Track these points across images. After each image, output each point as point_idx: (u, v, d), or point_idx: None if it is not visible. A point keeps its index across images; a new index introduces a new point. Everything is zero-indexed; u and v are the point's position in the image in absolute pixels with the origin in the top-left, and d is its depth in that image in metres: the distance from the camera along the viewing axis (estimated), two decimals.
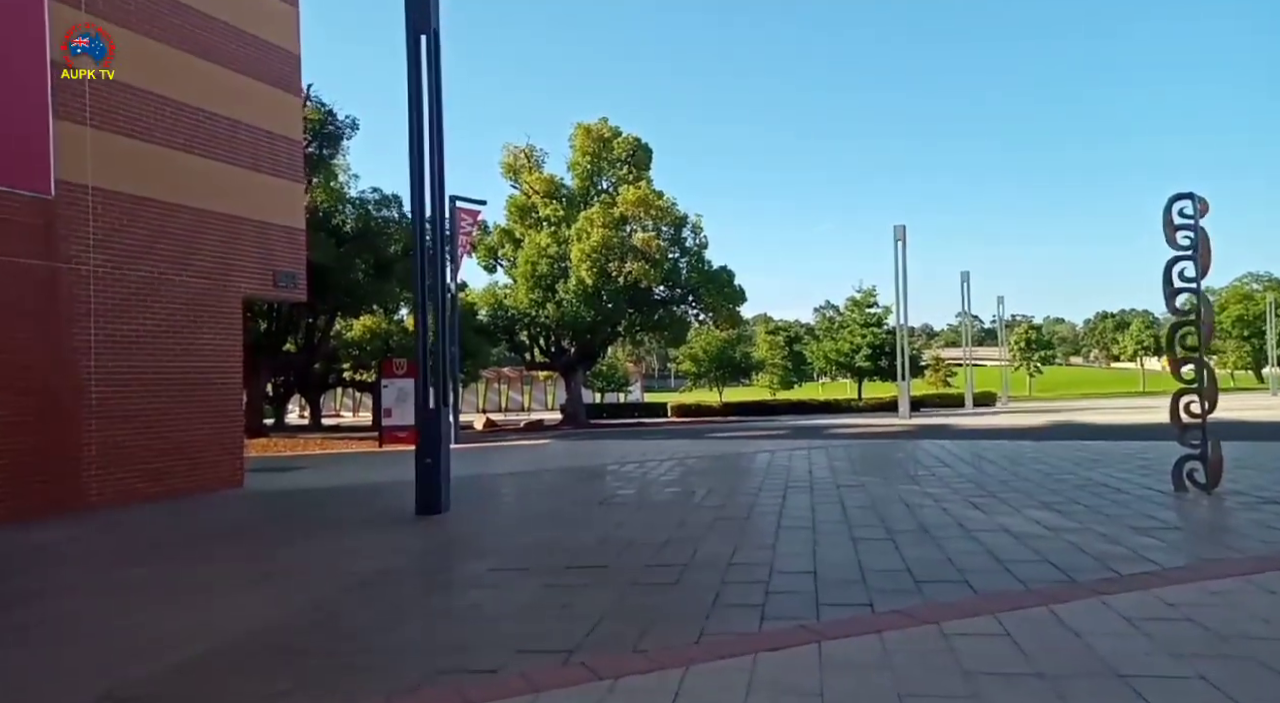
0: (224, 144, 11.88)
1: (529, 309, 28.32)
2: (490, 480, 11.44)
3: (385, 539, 6.95)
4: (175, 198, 11.06)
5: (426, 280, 8.75)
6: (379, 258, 21.34)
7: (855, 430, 20.18)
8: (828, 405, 35.61)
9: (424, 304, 8.73)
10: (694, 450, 14.90)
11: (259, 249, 12.61)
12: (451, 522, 7.82)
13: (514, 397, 68.88)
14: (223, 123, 11.73)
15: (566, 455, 15.62)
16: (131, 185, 10.53)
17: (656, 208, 27.18)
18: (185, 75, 11.14)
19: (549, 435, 24.40)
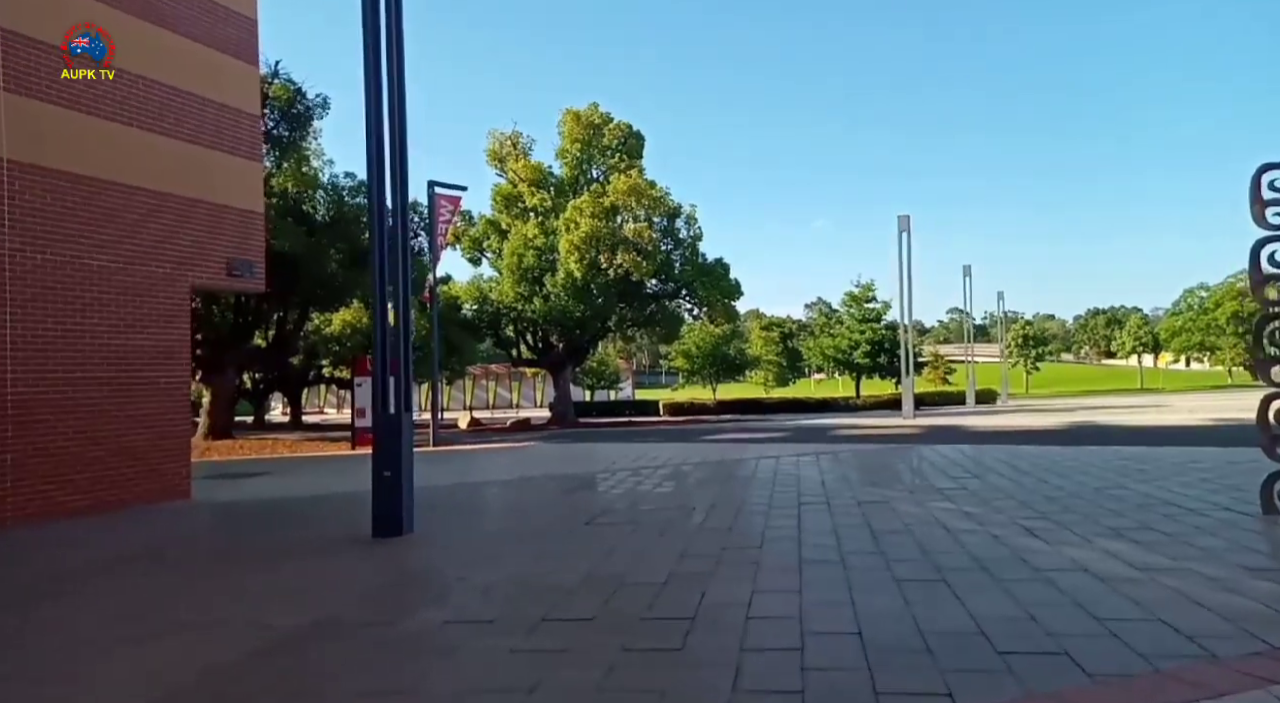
0: (170, 116, 10.65)
1: (515, 303, 27.11)
2: (466, 492, 10.27)
3: (328, 572, 5.79)
4: (112, 175, 9.84)
5: (388, 271, 7.57)
6: (354, 247, 20.06)
7: (861, 432, 19.09)
8: (825, 404, 34.57)
9: (383, 296, 7.54)
10: (691, 455, 13.77)
11: (211, 234, 11.40)
12: (412, 547, 6.66)
13: (502, 394, 67.68)
14: (168, 93, 10.51)
15: (552, 460, 14.47)
16: (58, 159, 9.30)
17: (649, 197, 26.00)
18: (124, 38, 9.89)
19: (535, 436, 23.23)
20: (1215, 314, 77.60)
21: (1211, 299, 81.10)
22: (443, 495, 9.93)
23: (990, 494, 8.01)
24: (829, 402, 34.89)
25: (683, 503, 8.29)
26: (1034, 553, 5.40)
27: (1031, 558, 5.25)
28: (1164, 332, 79.70)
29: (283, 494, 10.76)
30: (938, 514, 7.01)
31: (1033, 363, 61.83)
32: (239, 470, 14.45)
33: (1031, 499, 7.57)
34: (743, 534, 6.50)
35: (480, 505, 8.99)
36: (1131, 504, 7.12)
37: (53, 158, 9.22)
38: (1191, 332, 78.67)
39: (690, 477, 10.73)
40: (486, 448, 18.06)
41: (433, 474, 12.40)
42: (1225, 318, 76.24)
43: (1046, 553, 5.39)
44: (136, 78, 10.13)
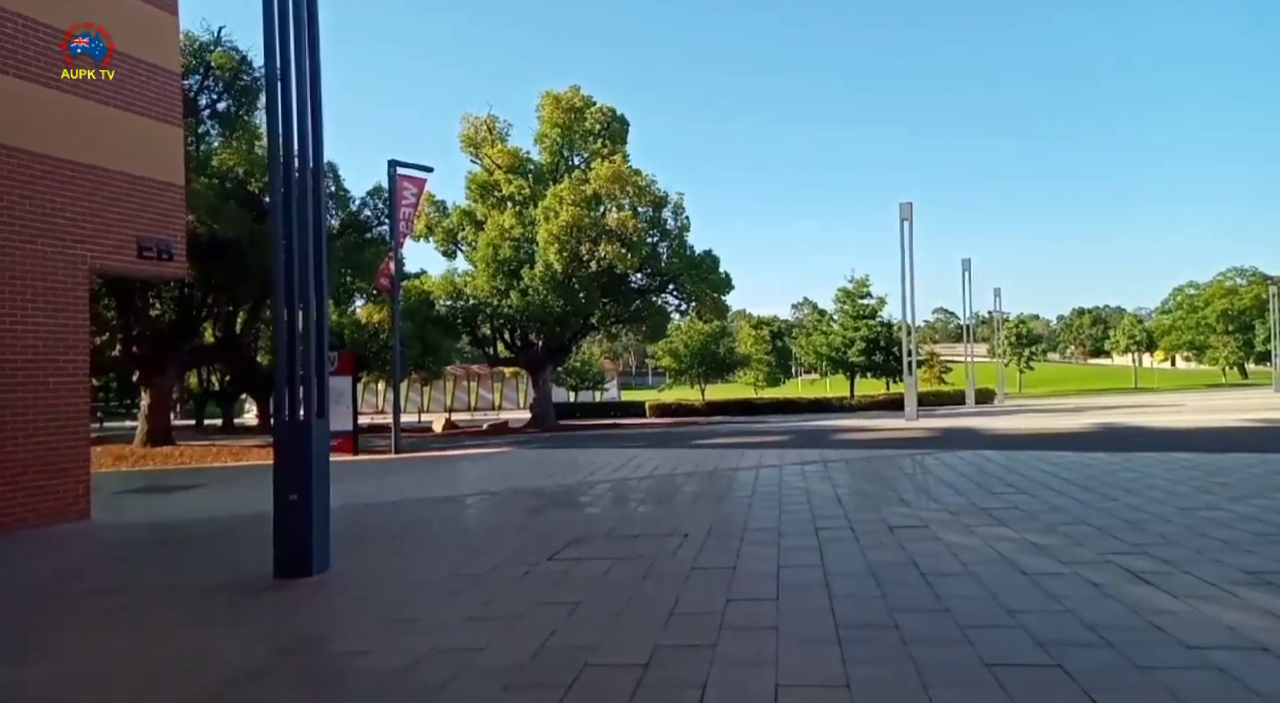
0: (61, 67, 8.98)
1: (490, 298, 25.41)
2: (412, 512, 8.62)
3: (194, 640, 4.16)
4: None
5: (298, 242, 5.94)
6: None
7: (867, 436, 17.54)
8: (818, 405, 33.09)
9: (287, 282, 5.91)
10: (681, 463, 12.18)
11: (117, 209, 9.73)
12: (315, 596, 5.05)
13: (484, 395, 65.91)
14: (56, 37, 8.82)
15: (523, 470, 12.86)
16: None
17: (633, 185, 24.40)
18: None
19: (512, 440, 21.57)
20: (1205, 312, 77.00)
21: (1201, 297, 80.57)
22: (382, 518, 8.30)
23: (1054, 517, 6.47)
24: (822, 402, 33.41)
25: (673, 528, 6.71)
26: (1163, 614, 3.85)
27: (1166, 624, 3.70)
28: (1155, 330, 79.09)
29: (201, 514, 9.08)
30: (999, 547, 5.47)
31: (1025, 362, 60.80)
32: (169, 483, 12.74)
33: (1111, 525, 6.03)
34: (751, 578, 4.93)
35: (424, 532, 7.36)
36: (1246, 532, 5.59)
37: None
38: (1181, 330, 78.09)
39: (681, 491, 9.14)
40: (455, 454, 16.40)
41: (381, 488, 10.77)
42: (1215, 316, 75.64)
43: (1181, 614, 3.84)
44: (15, 16, 8.45)
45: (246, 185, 16.16)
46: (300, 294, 5.94)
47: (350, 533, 7.30)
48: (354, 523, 7.89)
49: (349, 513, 8.59)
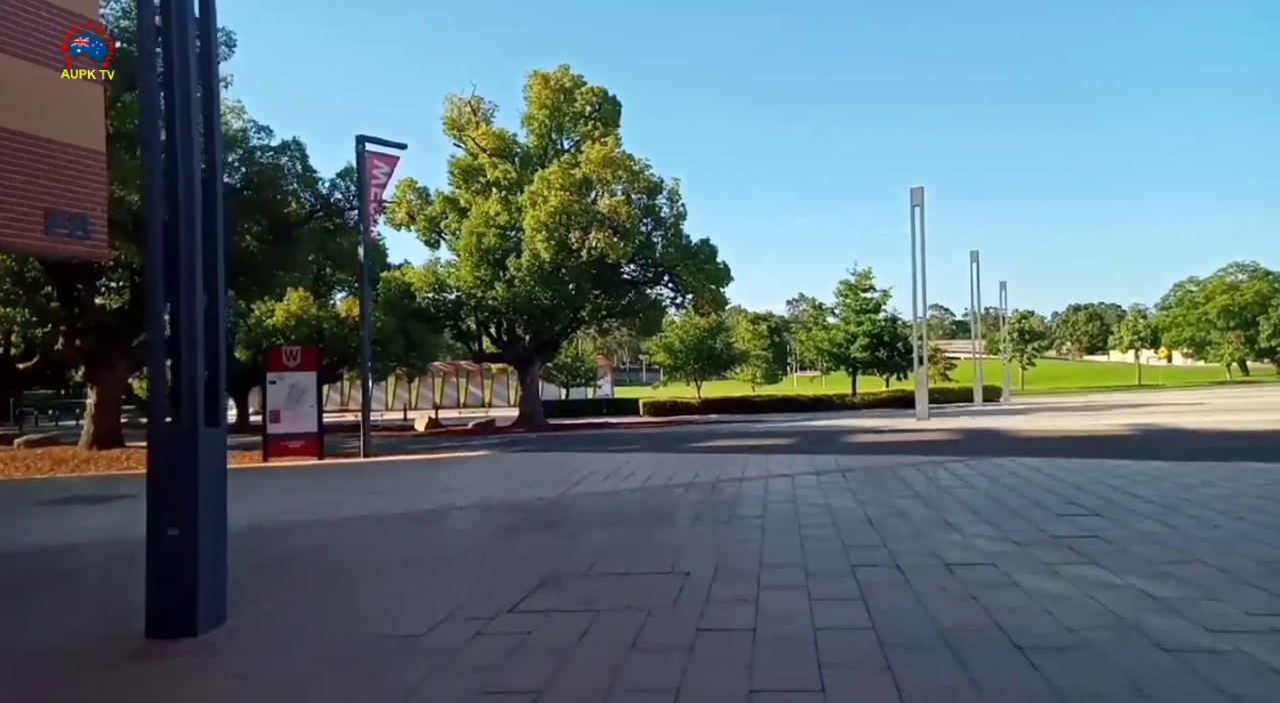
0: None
1: (474, 289, 23.94)
2: (355, 536, 7.22)
3: None
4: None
5: (175, 203, 4.55)
6: (276, 219, 16.88)
7: (880, 439, 16.13)
8: (819, 403, 31.78)
9: (162, 262, 4.52)
10: (678, 471, 10.81)
11: (18, 175, 8.30)
12: (187, 674, 3.67)
13: (474, 392, 64.48)
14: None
15: (502, 478, 11.48)
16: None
17: (626, 169, 22.95)
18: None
19: (496, 441, 20.17)
20: (1206, 308, 75.87)
21: (1202, 293, 79.44)
22: (319, 541, 6.91)
23: (1154, 552, 5.11)
24: (823, 400, 32.08)
25: (670, 563, 5.34)
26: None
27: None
28: (1156, 326, 77.95)
29: (113, 533, 7.66)
30: (1103, 599, 4.11)
31: (1028, 359, 59.53)
32: (101, 492, 11.30)
33: (1240, 567, 4.67)
34: (779, 648, 3.57)
35: (364, 564, 5.97)
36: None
37: None
38: (1182, 326, 76.98)
39: (679, 509, 7.77)
40: (430, 458, 15.00)
41: (333, 500, 9.37)
42: (1216, 312, 74.54)
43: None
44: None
45: None
46: (185, 262, 4.54)
47: (272, 563, 5.92)
48: (284, 548, 6.50)
49: (282, 533, 7.20)
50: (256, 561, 5.90)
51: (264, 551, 6.39)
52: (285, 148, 16.96)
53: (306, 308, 29.23)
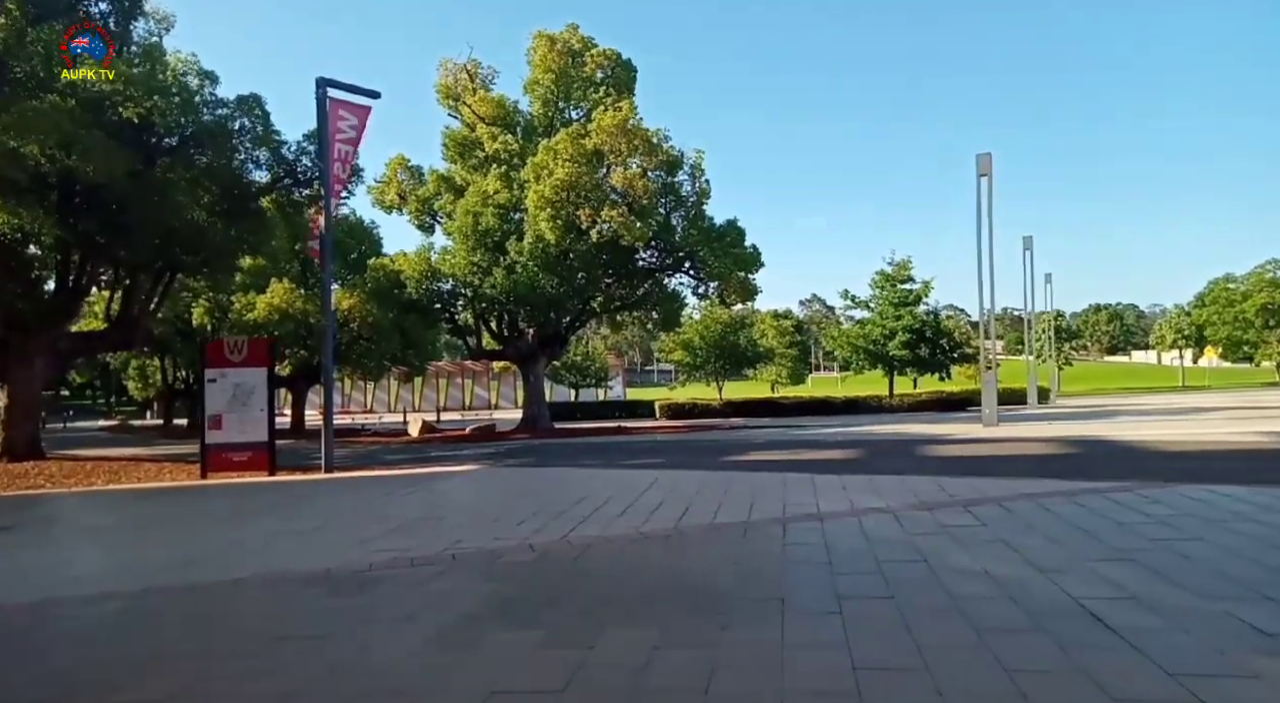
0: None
1: (470, 277, 21.12)
2: (230, 612, 4.36)
3: None
4: None
5: None
6: (230, 186, 14.12)
7: (970, 453, 12.87)
8: (853, 405, 28.82)
9: None
10: (723, 500, 7.93)
11: None
12: None
13: (480, 394, 61.88)
14: None
15: (484, 506, 8.67)
16: None
17: (642, 139, 20.08)
18: None
19: (492, 450, 17.35)
20: (1244, 307, 72.18)
21: (1239, 291, 75.66)
22: (143, 637, 4.04)
23: None
24: (858, 402, 29.13)
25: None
26: None
27: None
28: (1198, 324, 74.24)
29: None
30: None
31: (1064, 359, 56.23)
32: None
33: None
34: None
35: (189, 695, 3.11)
36: None
37: None
38: (1218, 326, 73.30)
39: (746, 577, 4.90)
40: (406, 472, 12.19)
41: (219, 549, 6.37)
42: (1254, 311, 70.85)
43: None
44: None
45: (118, 109, 11.93)
46: None
47: None
48: (83, 647, 3.66)
49: (103, 612, 4.36)
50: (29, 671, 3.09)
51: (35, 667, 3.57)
52: (242, 102, 14.17)
53: (292, 301, 26.55)
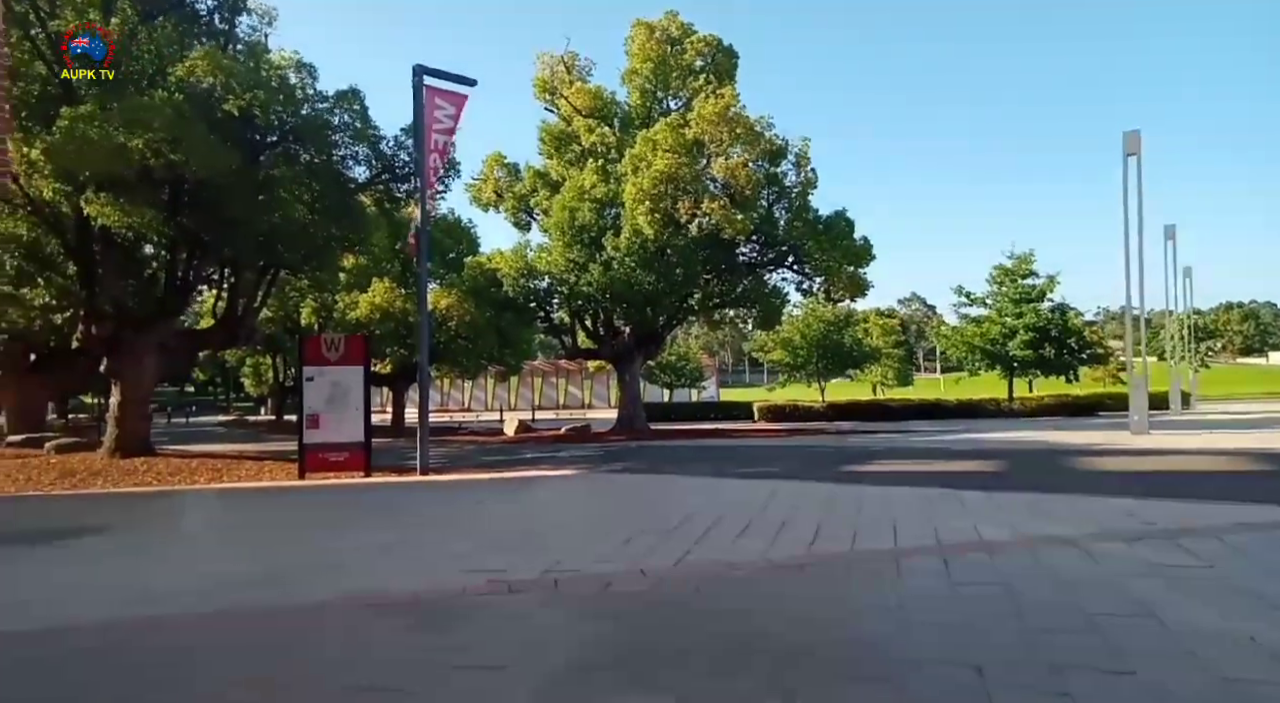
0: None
1: (566, 274, 20.59)
2: (278, 652, 3.70)
3: None
4: None
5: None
6: (329, 183, 13.99)
7: (1134, 467, 11.20)
8: (968, 409, 26.84)
9: None
10: (860, 521, 6.90)
11: None
12: None
13: (573, 393, 61.95)
14: None
15: (585, 518, 7.94)
16: None
17: (745, 128, 19.06)
18: None
19: (589, 453, 16.71)
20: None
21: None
22: None
23: None
24: (973, 406, 27.12)
25: None
26: None
27: None
28: None
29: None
30: None
31: (1201, 361, 51.47)
32: (72, 521, 8.48)
33: None
34: None
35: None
36: None
37: None
38: None
39: (914, 632, 3.90)
40: (502, 476, 11.65)
41: (299, 564, 5.76)
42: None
43: None
44: None
45: (222, 104, 11.88)
46: None
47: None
48: (129, 684, 3.07)
49: (168, 642, 3.76)
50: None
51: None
52: (341, 97, 14.02)
53: (392, 300, 26.85)
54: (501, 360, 31.89)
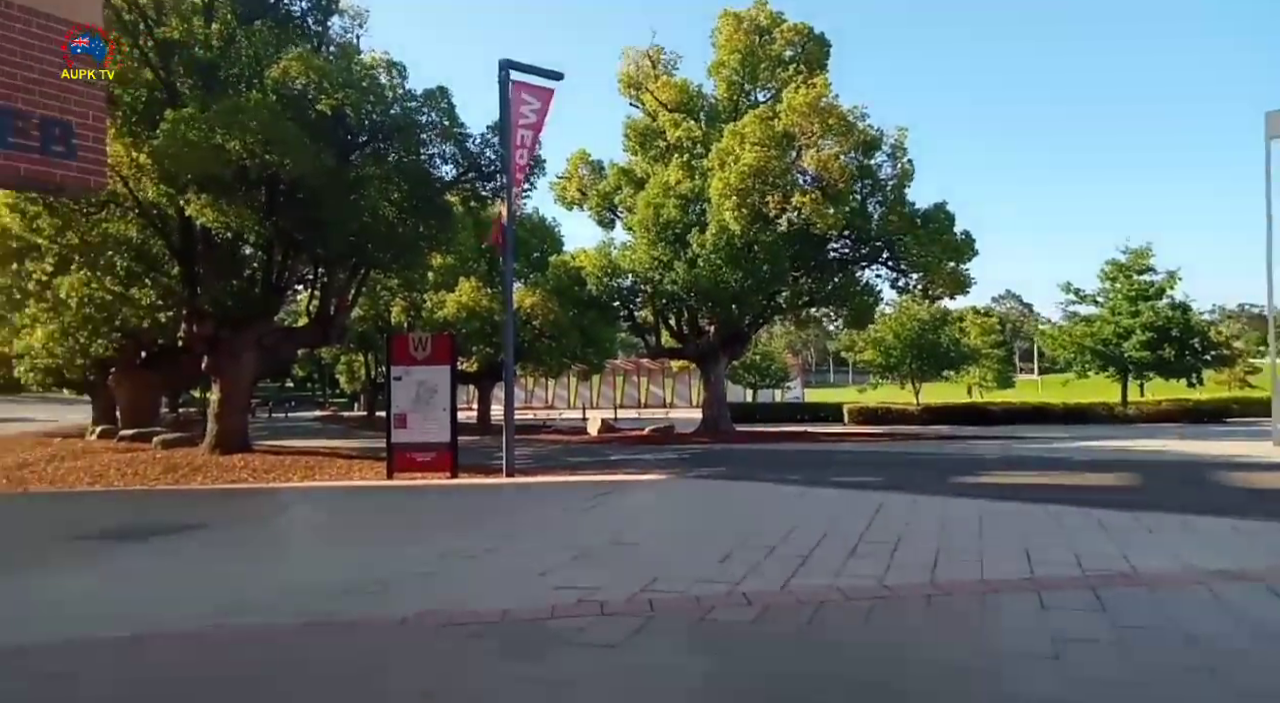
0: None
1: (651, 272, 20.23)
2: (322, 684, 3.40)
3: None
4: None
5: None
6: (417, 183, 14.03)
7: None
8: (1078, 414, 25.17)
9: None
10: (960, 538, 6.25)
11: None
12: None
13: (655, 392, 61.71)
14: None
15: (678, 532, 7.52)
16: None
17: (838, 118, 18.27)
18: None
19: (674, 456, 16.31)
20: None
21: None
22: None
23: None
24: (1082, 410, 25.40)
25: None
26: None
27: None
28: None
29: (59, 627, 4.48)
30: None
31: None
32: (169, 517, 8.61)
33: None
34: None
35: None
36: None
37: None
38: None
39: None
40: (588, 479, 11.36)
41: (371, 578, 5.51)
42: None
43: None
44: None
45: (314, 105, 12.04)
46: None
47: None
48: None
49: (251, 656, 3.53)
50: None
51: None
52: (429, 96, 14.02)
53: (478, 299, 27.15)
54: (584, 359, 31.89)
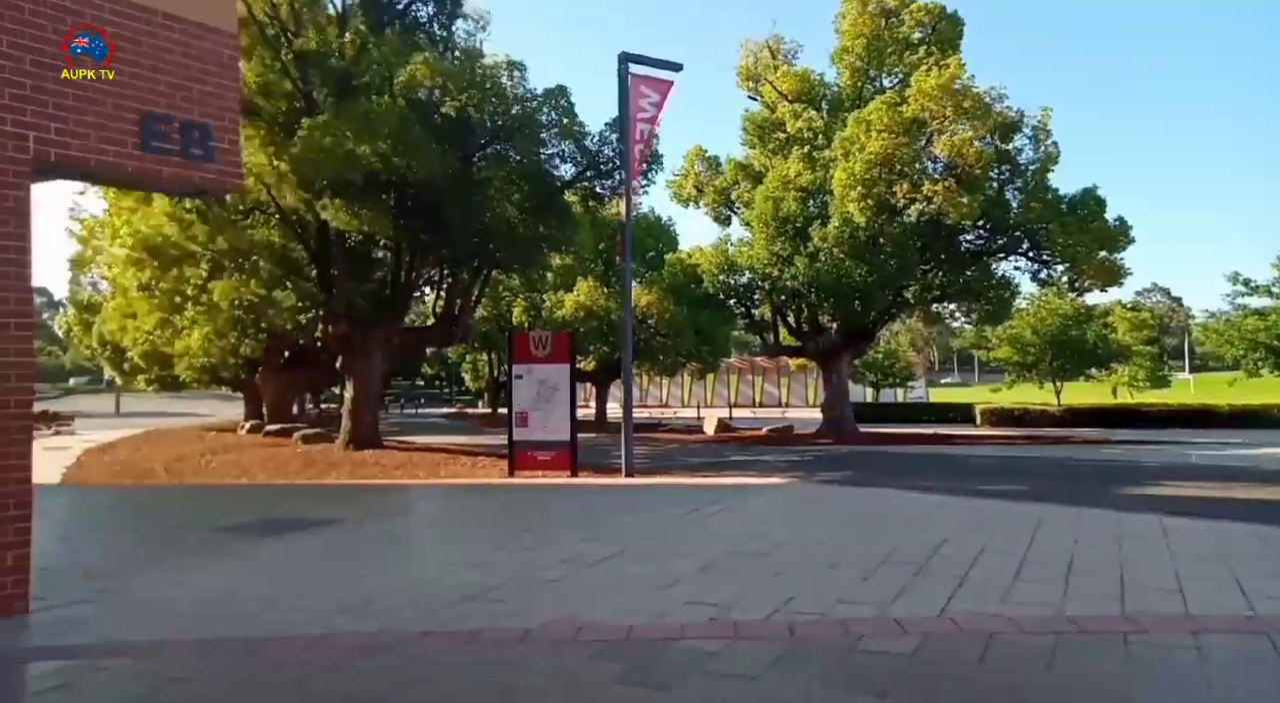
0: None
1: (769, 268, 19.60)
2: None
3: None
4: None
5: None
6: (539, 182, 14.08)
7: None
8: (1247, 416, 22.58)
9: None
10: (1143, 559, 5.49)
11: (114, 68, 5.55)
12: None
13: (770, 391, 60.61)
14: None
15: (809, 545, 7.01)
16: None
17: (972, 100, 17.06)
18: None
19: (796, 458, 15.68)
20: None
21: None
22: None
23: None
24: (1252, 413, 22.77)
25: None
26: None
27: None
28: None
29: (222, 620, 4.59)
30: None
31: None
32: (304, 512, 8.92)
33: None
34: None
35: None
36: None
37: None
38: None
39: None
40: (707, 482, 11.00)
41: (486, 584, 5.33)
42: None
43: None
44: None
45: (438, 107, 12.27)
46: None
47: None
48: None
49: (374, 666, 3.40)
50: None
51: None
52: (549, 95, 14.06)
53: (595, 298, 27.39)
54: (699, 357, 31.59)
